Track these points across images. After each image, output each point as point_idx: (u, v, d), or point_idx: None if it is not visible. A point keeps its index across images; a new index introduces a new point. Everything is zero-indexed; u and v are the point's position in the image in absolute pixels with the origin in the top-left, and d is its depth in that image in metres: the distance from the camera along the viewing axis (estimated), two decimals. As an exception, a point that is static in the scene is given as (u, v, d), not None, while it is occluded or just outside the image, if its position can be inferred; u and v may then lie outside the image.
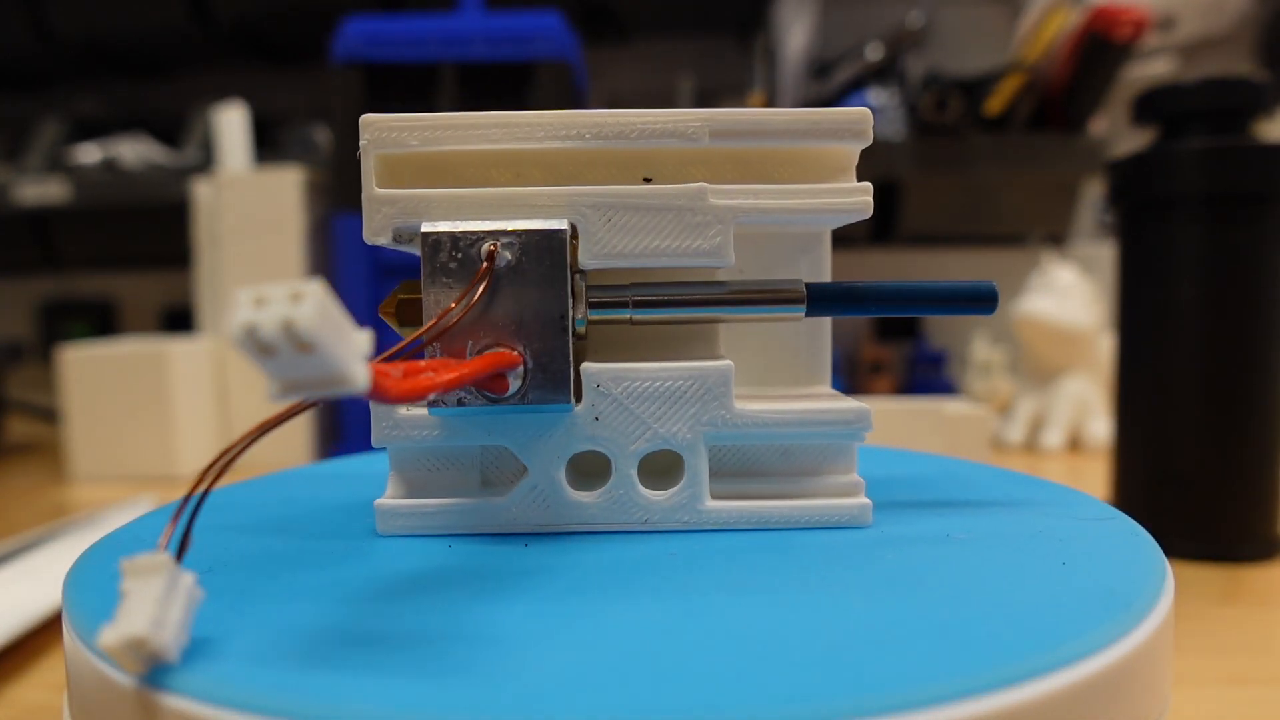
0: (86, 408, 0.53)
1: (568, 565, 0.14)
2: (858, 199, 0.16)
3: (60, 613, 0.13)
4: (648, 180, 0.16)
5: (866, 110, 0.16)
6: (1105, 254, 0.80)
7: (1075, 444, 0.56)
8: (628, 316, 0.16)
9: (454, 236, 0.15)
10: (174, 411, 0.53)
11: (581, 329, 0.16)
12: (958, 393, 0.74)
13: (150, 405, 0.53)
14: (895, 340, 0.82)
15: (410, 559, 0.15)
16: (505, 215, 0.16)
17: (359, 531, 0.16)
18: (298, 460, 0.56)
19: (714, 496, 0.16)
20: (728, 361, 0.16)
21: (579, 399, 0.16)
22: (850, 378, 0.81)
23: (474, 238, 0.15)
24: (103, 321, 0.90)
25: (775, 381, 0.19)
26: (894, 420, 0.43)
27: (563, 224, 0.15)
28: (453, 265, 0.15)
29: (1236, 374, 0.31)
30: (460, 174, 0.17)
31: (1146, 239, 0.32)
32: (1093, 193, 0.80)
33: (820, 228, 0.18)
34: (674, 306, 0.16)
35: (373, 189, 0.16)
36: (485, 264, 0.15)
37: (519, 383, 0.15)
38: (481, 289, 0.15)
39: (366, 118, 0.16)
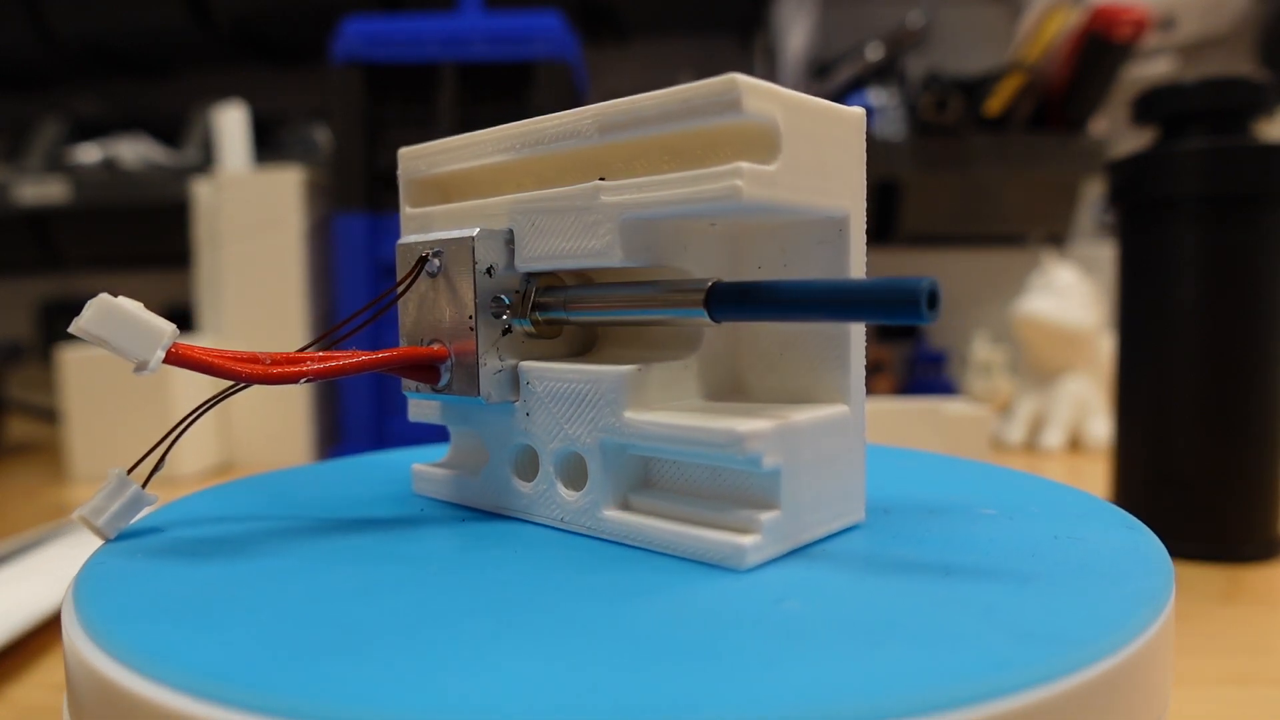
0: (86, 408, 0.53)
1: (454, 553, 0.15)
2: (721, 184, 0.13)
3: (60, 613, 0.13)
4: (603, 180, 0.16)
5: (733, 78, 0.13)
6: (1105, 254, 0.80)
7: (1075, 444, 0.56)
8: (564, 318, 0.17)
9: (409, 247, 0.17)
10: (174, 411, 0.53)
11: (527, 327, 0.17)
12: (958, 393, 0.74)
13: (150, 405, 0.53)
14: (895, 340, 0.82)
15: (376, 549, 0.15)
16: (468, 225, 0.17)
17: (359, 526, 0.16)
18: (298, 459, 0.56)
19: (633, 508, 0.16)
20: (629, 367, 0.15)
21: (517, 396, 0.17)
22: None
23: (420, 248, 0.17)
24: (103, 321, 0.89)
25: (786, 395, 0.16)
26: (894, 420, 0.43)
27: (472, 232, 0.16)
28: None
29: (1236, 374, 0.31)
30: (479, 187, 0.18)
31: (1146, 239, 0.32)
32: (1093, 193, 0.80)
33: (751, 216, 0.16)
34: (595, 309, 0.16)
35: (404, 208, 0.19)
36: (413, 269, 0.17)
37: (448, 375, 0.17)
38: (402, 290, 0.17)
39: (402, 151, 0.19)
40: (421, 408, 0.19)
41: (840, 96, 0.69)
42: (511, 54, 0.51)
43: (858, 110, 0.15)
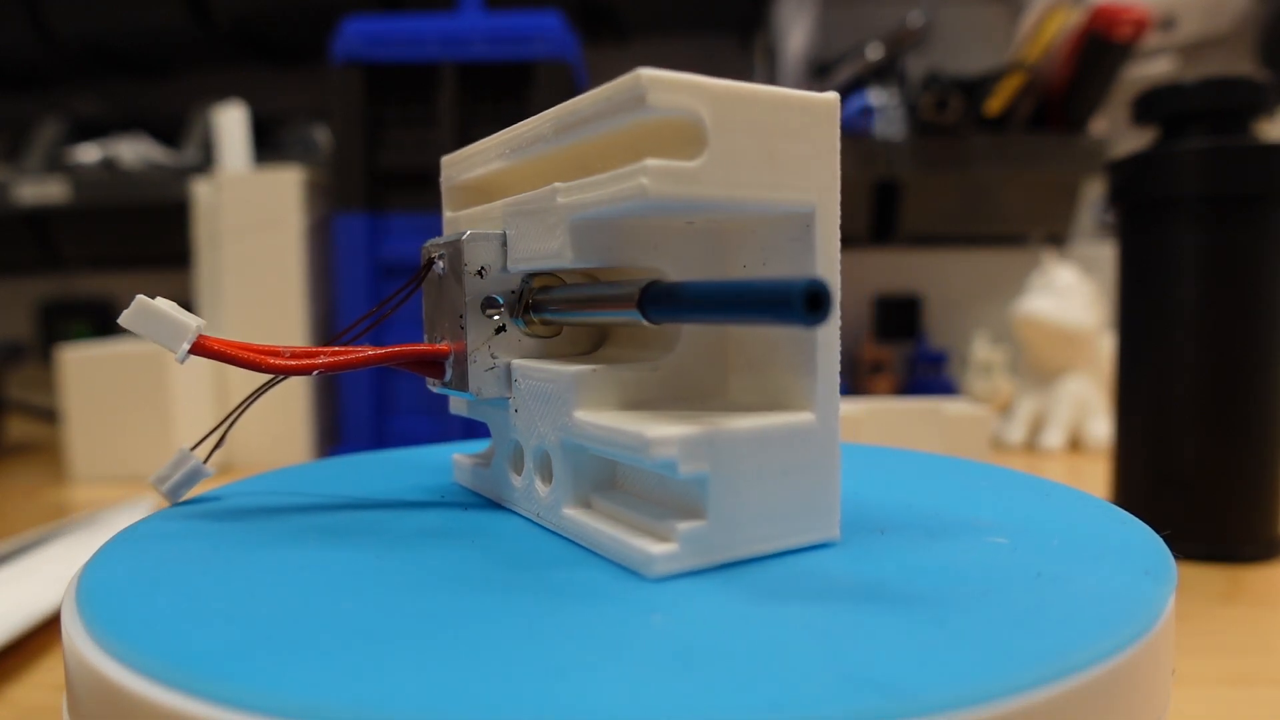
0: (86, 408, 0.53)
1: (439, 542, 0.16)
2: (629, 184, 0.13)
3: (60, 613, 0.13)
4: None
5: (639, 73, 0.13)
6: (1105, 254, 0.80)
7: (1075, 444, 0.56)
8: (550, 318, 0.17)
9: (426, 249, 0.18)
10: (174, 411, 0.53)
11: (522, 327, 0.17)
12: (958, 393, 0.74)
13: (150, 405, 0.53)
14: (895, 340, 0.82)
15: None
16: (479, 227, 0.18)
17: (359, 526, 0.16)
18: (298, 459, 0.56)
19: (593, 507, 0.16)
20: (583, 368, 0.15)
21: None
22: (850, 378, 0.81)
23: (431, 250, 0.18)
24: (103, 321, 0.90)
25: (764, 401, 0.16)
26: (894, 420, 0.43)
27: (463, 235, 0.17)
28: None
29: (1236, 374, 0.31)
30: (504, 189, 0.19)
31: (1146, 239, 0.32)
32: (1093, 193, 0.80)
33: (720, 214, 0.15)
34: (559, 309, 0.16)
35: (445, 213, 0.20)
36: (422, 269, 0.18)
37: (450, 371, 0.18)
38: (411, 291, 0.18)
39: (443, 159, 0.20)
40: (456, 402, 0.20)
41: (840, 96, 0.69)
42: (511, 54, 0.51)
43: (827, 97, 0.15)
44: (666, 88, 0.13)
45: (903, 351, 0.80)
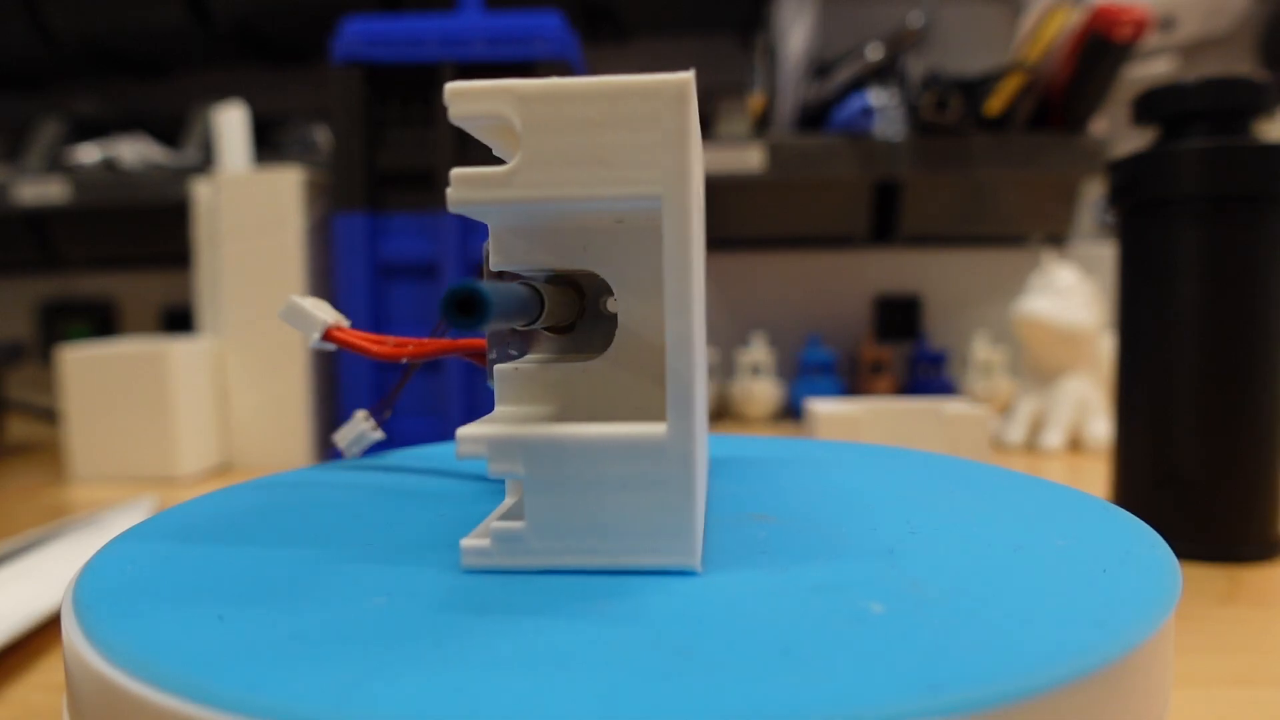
0: (86, 408, 0.53)
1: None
2: (454, 191, 0.13)
3: (60, 613, 0.13)
4: None
5: (446, 87, 0.13)
6: (1105, 254, 0.80)
7: (1075, 444, 0.56)
8: None
9: (486, 248, 0.17)
10: (174, 411, 0.53)
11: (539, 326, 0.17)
12: (958, 393, 0.74)
13: (150, 405, 0.53)
14: (895, 340, 0.82)
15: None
16: None
17: (359, 524, 0.16)
18: (298, 460, 0.56)
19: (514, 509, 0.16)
20: (509, 365, 0.16)
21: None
22: (850, 378, 0.81)
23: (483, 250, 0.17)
24: (103, 321, 0.90)
25: (655, 410, 0.16)
26: (894, 420, 0.43)
27: (486, 241, 0.17)
28: None
29: (1236, 374, 0.31)
30: None
31: (1146, 239, 0.32)
32: (1093, 193, 0.80)
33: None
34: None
35: None
36: (480, 267, 0.19)
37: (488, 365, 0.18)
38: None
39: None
40: None
41: (840, 97, 0.69)
42: (511, 54, 0.51)
43: (674, 79, 0.13)
44: (469, 99, 0.13)
45: (903, 351, 0.80)
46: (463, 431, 0.13)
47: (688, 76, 0.13)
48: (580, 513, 0.13)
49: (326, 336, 0.20)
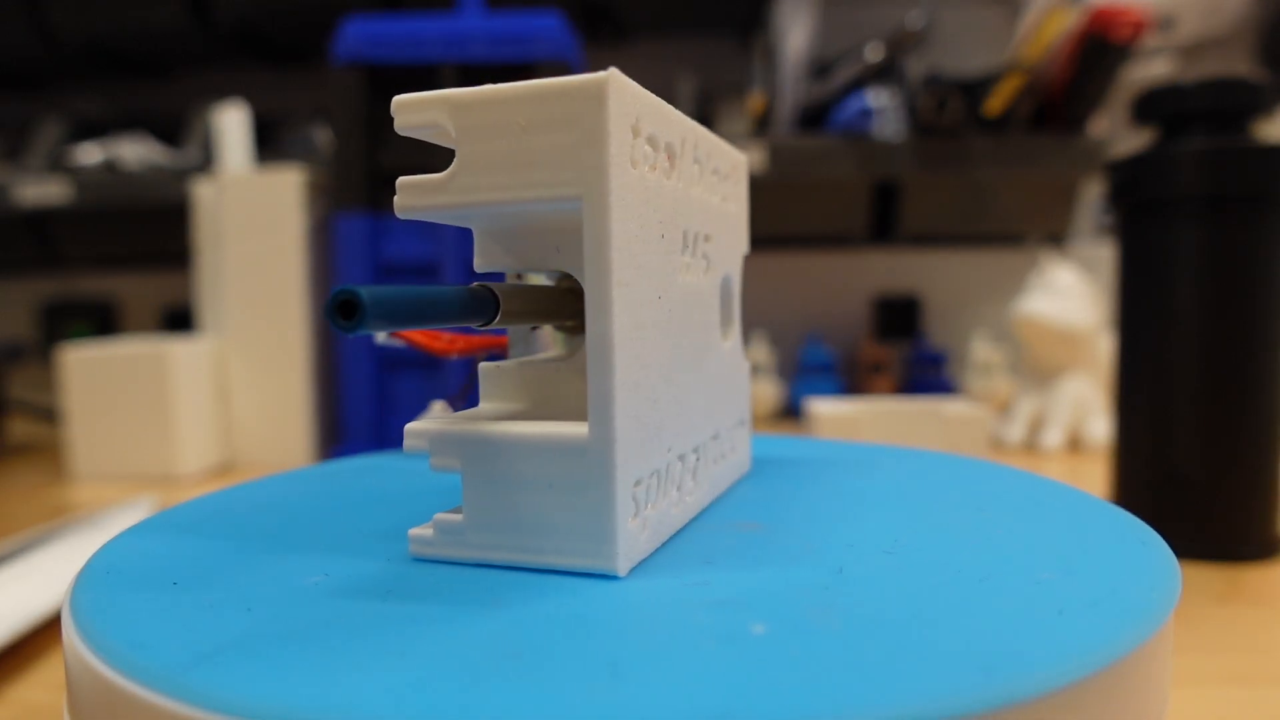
0: (86, 408, 0.53)
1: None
2: (399, 198, 0.14)
3: (60, 613, 0.13)
4: None
5: (394, 100, 0.14)
6: (1105, 254, 0.80)
7: (1075, 444, 0.56)
8: None
9: None
10: (174, 411, 0.53)
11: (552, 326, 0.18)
12: (958, 393, 0.74)
13: (150, 405, 0.53)
14: (895, 340, 0.82)
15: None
16: None
17: (359, 525, 0.16)
18: (299, 460, 0.56)
19: None
20: (492, 363, 0.17)
21: None
22: (850, 377, 0.81)
23: None
24: (103, 321, 0.90)
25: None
26: (894, 420, 0.43)
27: None
28: None
29: (1236, 374, 0.31)
30: None
31: (1146, 239, 0.32)
32: (1093, 193, 0.80)
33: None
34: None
35: None
36: None
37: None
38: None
39: None
40: None
41: (840, 97, 0.69)
42: (512, 54, 0.51)
43: (592, 78, 0.13)
44: (409, 110, 0.14)
45: (902, 351, 0.80)
46: (410, 427, 0.14)
47: (607, 75, 0.13)
48: (511, 510, 0.14)
49: (392, 333, 0.21)
